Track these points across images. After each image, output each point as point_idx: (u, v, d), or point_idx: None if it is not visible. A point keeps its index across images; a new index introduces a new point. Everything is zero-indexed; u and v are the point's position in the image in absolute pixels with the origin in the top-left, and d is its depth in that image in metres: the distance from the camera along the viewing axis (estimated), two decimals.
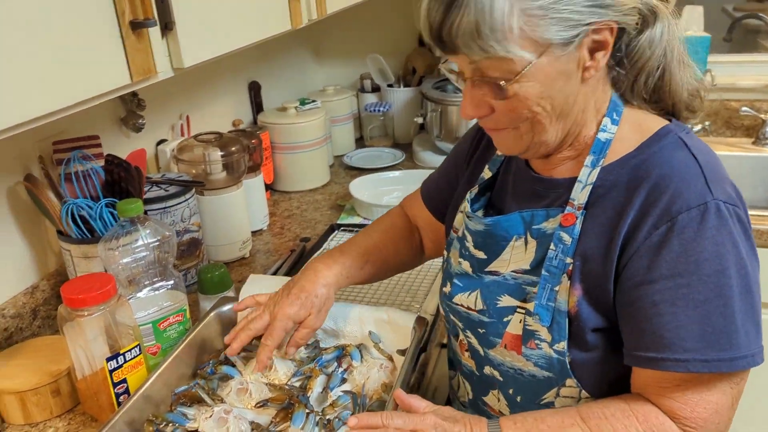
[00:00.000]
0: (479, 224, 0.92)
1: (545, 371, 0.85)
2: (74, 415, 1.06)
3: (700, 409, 0.76)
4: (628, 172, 0.81)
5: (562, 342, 0.82)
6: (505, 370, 0.89)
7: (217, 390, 1.01)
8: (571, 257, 0.81)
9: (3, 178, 1.20)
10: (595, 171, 0.83)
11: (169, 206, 1.34)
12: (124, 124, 1.47)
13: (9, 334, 1.16)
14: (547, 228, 0.85)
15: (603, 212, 0.81)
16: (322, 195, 1.92)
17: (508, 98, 0.78)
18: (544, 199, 0.88)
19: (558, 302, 0.82)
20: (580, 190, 0.83)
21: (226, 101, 1.91)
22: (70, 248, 1.19)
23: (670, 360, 0.75)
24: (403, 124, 2.24)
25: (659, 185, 0.77)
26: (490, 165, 0.98)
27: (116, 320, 1.00)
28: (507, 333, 0.87)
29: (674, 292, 0.75)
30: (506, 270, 0.89)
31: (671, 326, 0.75)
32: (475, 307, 0.91)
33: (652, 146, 0.81)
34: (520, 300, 0.86)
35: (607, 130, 0.83)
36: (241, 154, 1.52)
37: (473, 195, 0.96)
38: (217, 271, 1.23)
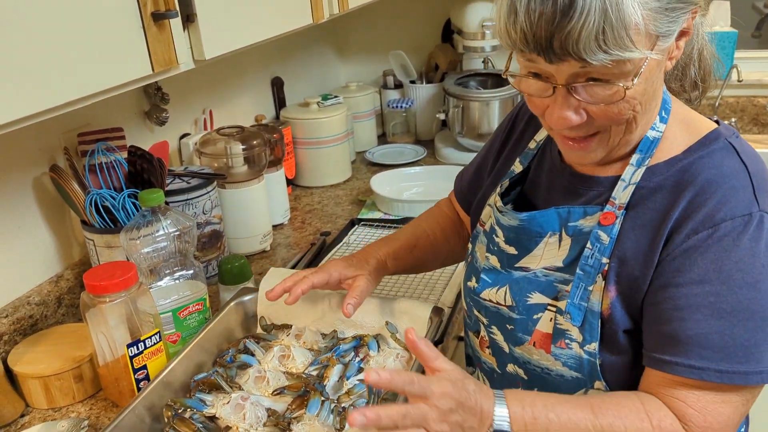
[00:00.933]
0: (513, 219, 0.89)
1: (574, 372, 0.83)
2: (96, 400, 1.08)
3: (713, 419, 0.74)
4: (675, 175, 0.78)
5: (594, 343, 0.80)
6: (532, 369, 0.87)
7: (236, 378, 1.02)
8: (607, 257, 0.79)
9: (29, 169, 1.22)
10: (640, 170, 0.80)
11: (191, 198, 1.36)
12: (148, 118, 1.49)
13: (34, 321, 1.18)
14: (584, 226, 0.83)
15: (645, 213, 0.79)
16: (343, 190, 1.93)
17: (620, 101, 0.73)
18: (582, 196, 0.85)
19: (591, 302, 0.80)
20: (623, 189, 0.80)
21: (248, 97, 1.93)
22: (94, 238, 1.21)
23: (685, 366, 0.74)
24: (426, 121, 2.24)
25: (705, 190, 0.75)
26: (521, 158, 0.96)
27: (137, 308, 1.01)
28: (537, 331, 0.85)
29: (701, 299, 0.73)
30: (537, 266, 0.87)
31: (692, 332, 0.73)
32: (505, 303, 0.89)
33: (701, 150, 0.79)
34: (551, 298, 0.84)
35: (656, 128, 0.81)
36: (263, 148, 1.53)
37: (503, 189, 0.95)
38: (237, 262, 1.25)
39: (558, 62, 0.71)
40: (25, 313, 1.17)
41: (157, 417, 0.95)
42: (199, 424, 0.93)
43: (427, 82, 2.24)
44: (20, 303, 1.17)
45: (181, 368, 1.01)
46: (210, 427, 0.93)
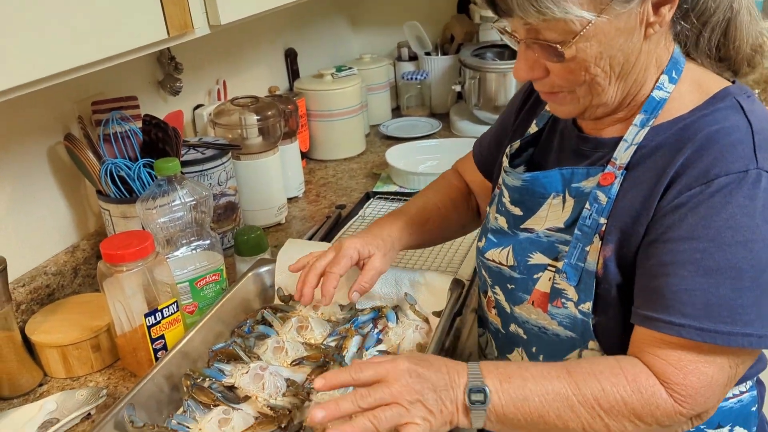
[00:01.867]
0: (516, 179, 0.89)
1: (568, 331, 0.83)
2: (114, 370, 1.08)
3: (693, 378, 0.71)
4: (676, 134, 0.77)
5: (588, 303, 0.80)
6: (530, 328, 0.88)
7: (254, 348, 1.01)
8: (605, 218, 0.79)
9: (44, 138, 1.21)
10: (643, 131, 0.79)
11: (206, 169, 1.35)
12: (162, 88, 1.48)
13: (51, 291, 1.18)
14: (585, 187, 0.82)
15: (644, 173, 0.78)
16: (357, 164, 1.91)
17: (565, 61, 0.75)
18: (587, 158, 0.85)
19: (587, 262, 0.79)
20: (624, 149, 0.79)
21: (262, 68, 1.90)
22: (109, 208, 1.20)
23: (664, 321, 0.72)
24: (441, 93, 2.20)
25: (703, 146, 0.74)
26: (537, 120, 0.96)
27: (154, 278, 1.00)
28: (536, 290, 0.85)
29: (687, 255, 0.71)
30: (541, 227, 0.87)
31: (675, 288, 0.71)
32: (507, 263, 0.89)
33: (707, 108, 0.77)
34: (551, 258, 0.84)
35: (664, 88, 0.79)
36: (277, 118, 1.51)
37: (514, 150, 0.94)
38: (253, 233, 1.23)
39: (506, 17, 0.75)
40: (41, 283, 1.16)
41: (176, 386, 0.95)
42: (218, 394, 0.92)
43: (443, 53, 2.20)
44: (37, 273, 1.17)
45: (199, 338, 1.01)
46: (229, 396, 0.93)
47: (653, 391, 0.72)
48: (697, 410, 0.73)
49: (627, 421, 0.73)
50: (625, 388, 0.72)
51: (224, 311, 1.07)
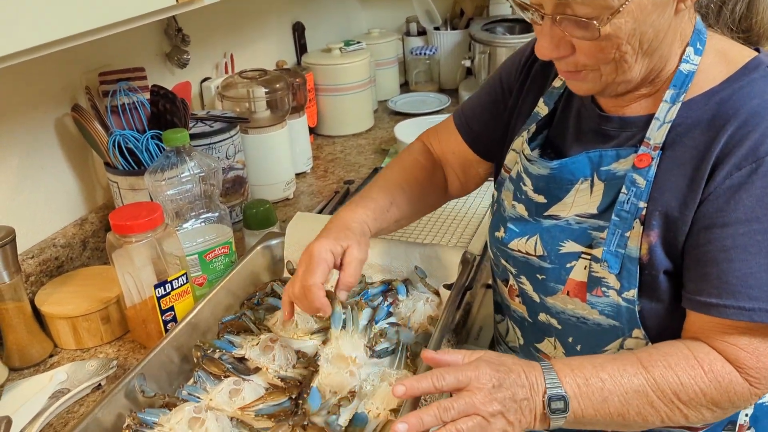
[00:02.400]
0: (543, 168, 0.85)
1: (612, 320, 0.80)
2: (123, 342, 1.08)
3: (766, 359, 0.72)
4: (713, 108, 0.74)
5: (633, 290, 0.77)
6: (566, 318, 0.85)
7: (264, 320, 1.01)
8: (645, 201, 0.76)
9: (51, 109, 1.20)
10: (675, 107, 0.75)
11: (214, 142, 1.33)
12: (169, 60, 1.46)
13: (60, 263, 1.18)
14: (617, 170, 0.79)
15: (683, 152, 0.74)
16: (365, 140, 1.89)
17: (598, 38, 0.71)
18: (613, 139, 0.81)
19: (629, 249, 0.76)
20: (657, 128, 0.76)
21: (270, 42, 1.88)
22: (118, 180, 1.19)
23: (734, 308, 0.70)
24: (450, 69, 2.18)
25: (748, 123, 0.71)
26: (545, 99, 0.91)
27: (163, 250, 1.00)
28: (570, 279, 0.82)
29: (748, 238, 0.70)
30: (568, 214, 0.83)
31: (740, 273, 0.70)
32: (535, 253, 0.85)
33: (740, 80, 0.74)
34: (585, 246, 0.81)
35: (690, 60, 0.76)
36: (285, 92, 1.49)
37: (530, 134, 0.89)
38: (261, 206, 1.23)
39: None
40: (50, 255, 1.16)
41: (186, 357, 0.95)
42: (228, 365, 0.92)
43: (452, 28, 2.17)
44: (46, 245, 1.16)
45: (209, 310, 1.00)
46: (239, 367, 0.93)
47: (730, 378, 0.72)
48: None
49: (705, 410, 0.73)
50: (703, 379, 0.72)
51: (234, 284, 1.06)
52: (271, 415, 0.85)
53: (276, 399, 0.86)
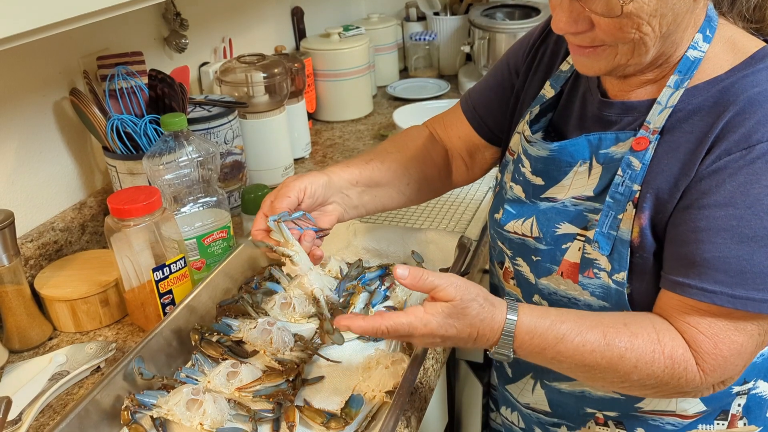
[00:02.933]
0: (542, 150, 0.84)
1: (602, 301, 0.80)
2: (122, 325, 1.09)
3: (724, 347, 0.71)
4: (714, 96, 0.73)
5: (623, 272, 0.77)
6: (557, 299, 0.85)
7: (261, 304, 1.02)
8: (639, 184, 0.76)
9: (49, 93, 1.20)
10: (678, 92, 0.75)
11: (213, 127, 1.33)
12: (167, 44, 1.46)
13: (59, 247, 1.18)
14: (615, 153, 0.78)
15: (681, 138, 0.74)
16: (364, 125, 1.89)
17: (619, 16, 0.69)
18: (615, 124, 0.81)
19: (621, 231, 0.77)
20: (658, 113, 0.75)
21: (268, 26, 1.88)
22: (116, 164, 1.20)
23: (697, 288, 0.70)
24: (449, 54, 2.17)
25: (745, 110, 0.70)
26: (552, 82, 0.90)
27: (162, 234, 1.00)
28: (564, 260, 0.82)
29: (722, 222, 0.70)
30: (565, 196, 0.84)
31: (709, 255, 0.70)
32: (531, 234, 0.86)
33: (746, 69, 0.73)
34: (580, 227, 0.81)
35: (698, 47, 0.75)
36: (284, 76, 1.49)
37: (533, 116, 0.89)
38: (260, 191, 1.23)
39: None
40: (49, 239, 1.17)
41: (184, 340, 0.96)
42: (225, 348, 0.93)
43: (452, 14, 2.16)
44: (45, 228, 1.17)
45: (207, 294, 1.01)
46: (237, 350, 0.94)
47: (685, 365, 0.72)
48: (723, 378, 0.73)
49: (650, 390, 0.74)
50: (660, 364, 0.72)
51: (232, 268, 1.07)
52: (269, 396, 0.86)
53: (273, 381, 0.87)
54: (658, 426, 0.87)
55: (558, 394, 0.91)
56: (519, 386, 0.97)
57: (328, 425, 0.81)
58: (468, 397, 1.17)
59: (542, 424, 0.96)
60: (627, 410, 0.87)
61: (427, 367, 0.93)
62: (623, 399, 0.86)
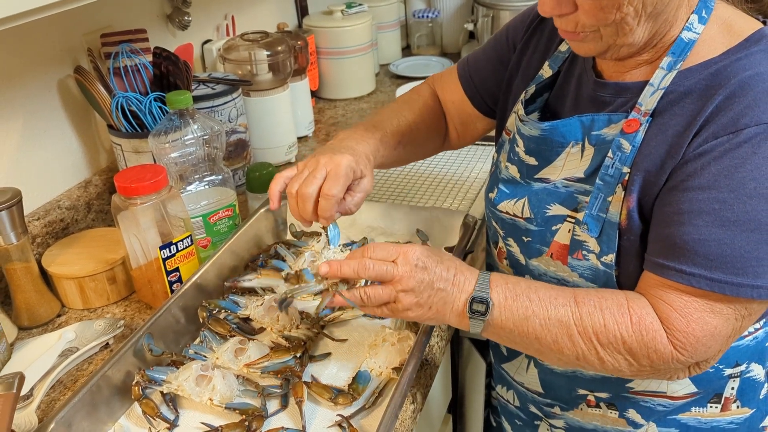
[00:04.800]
0: (534, 129, 0.85)
1: (590, 283, 0.81)
2: (129, 302, 1.10)
3: (696, 326, 0.71)
4: (707, 78, 0.72)
5: (611, 254, 0.77)
6: (547, 280, 0.85)
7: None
8: (628, 166, 0.75)
9: (54, 71, 1.20)
10: (671, 74, 0.74)
11: (217, 105, 1.33)
12: (170, 22, 1.45)
13: (65, 225, 1.19)
14: (607, 135, 0.78)
15: (671, 119, 0.74)
16: (367, 103, 1.88)
17: None
18: (608, 105, 0.80)
19: (610, 213, 0.77)
20: (650, 94, 0.75)
21: (270, 3, 1.86)
22: (121, 143, 1.20)
23: (675, 270, 0.71)
24: (452, 32, 2.16)
25: (735, 93, 0.69)
26: (550, 62, 0.89)
27: (168, 212, 1.01)
28: (554, 242, 0.82)
29: (705, 204, 0.69)
30: (557, 177, 0.84)
31: (688, 237, 0.70)
32: (522, 215, 0.86)
33: (740, 52, 0.72)
34: (571, 209, 0.81)
35: (693, 29, 0.74)
36: (287, 54, 1.49)
37: (528, 96, 0.89)
38: (265, 169, 1.23)
39: None
40: (56, 217, 1.17)
41: (192, 317, 0.97)
42: (233, 325, 0.94)
43: None
44: (51, 207, 1.17)
45: (214, 271, 1.02)
46: (244, 327, 0.95)
47: (654, 335, 0.72)
48: (695, 358, 0.72)
49: (621, 358, 0.73)
50: (627, 328, 0.72)
51: (238, 246, 1.07)
52: (277, 372, 0.87)
53: (281, 357, 0.88)
54: (650, 407, 0.87)
55: (550, 374, 0.92)
56: (514, 365, 0.98)
57: (336, 401, 0.83)
58: (471, 374, 1.18)
59: (537, 403, 0.97)
60: (618, 391, 0.87)
61: (432, 345, 0.94)
62: (614, 379, 0.86)
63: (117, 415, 0.85)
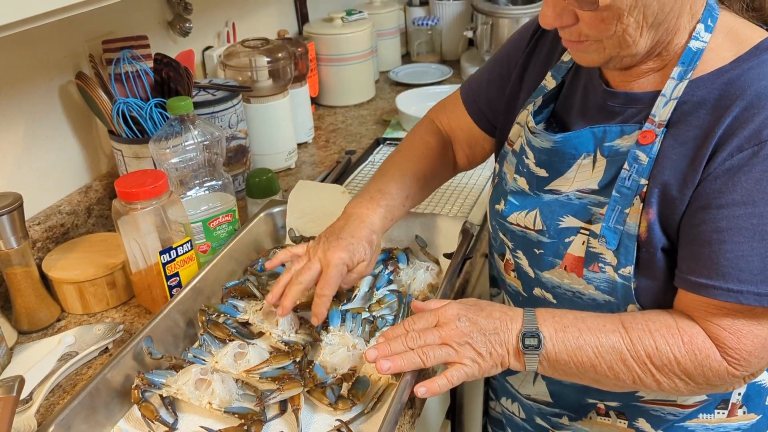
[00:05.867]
0: (546, 141, 0.84)
1: (607, 295, 0.80)
2: (129, 307, 1.10)
3: (747, 341, 0.72)
4: (720, 88, 0.73)
5: (629, 266, 0.77)
6: (561, 293, 0.85)
7: (267, 285, 1.03)
8: (646, 178, 0.75)
9: (55, 76, 1.21)
10: (682, 84, 0.75)
11: (217, 111, 1.34)
12: (171, 28, 1.46)
13: (66, 230, 1.19)
14: (620, 146, 0.78)
15: (687, 131, 0.74)
16: (367, 110, 1.89)
17: (598, 9, 0.70)
18: (618, 115, 0.80)
19: (627, 225, 0.76)
20: (663, 105, 0.75)
21: (271, 11, 1.87)
22: (122, 148, 1.20)
23: (722, 289, 0.71)
24: (452, 39, 2.17)
25: (754, 104, 0.70)
26: (553, 72, 0.90)
27: (168, 217, 1.01)
28: (568, 254, 0.82)
29: (743, 220, 0.70)
30: (569, 189, 0.83)
31: (731, 255, 0.70)
32: (534, 227, 0.86)
33: (750, 60, 0.73)
34: (584, 221, 0.81)
35: (700, 38, 0.75)
36: (288, 61, 1.49)
37: (536, 108, 0.89)
38: (264, 175, 1.24)
39: None
40: (56, 222, 1.18)
41: (191, 321, 0.97)
42: (232, 329, 0.94)
43: None
44: (51, 212, 1.18)
45: (213, 275, 1.02)
46: (243, 332, 0.95)
47: (708, 353, 0.73)
48: (750, 371, 0.74)
49: (678, 379, 0.74)
50: (680, 348, 0.73)
51: (237, 250, 1.08)
52: (275, 378, 0.87)
53: (280, 362, 0.89)
54: (660, 416, 0.88)
55: (559, 385, 0.92)
56: (519, 378, 0.98)
57: (335, 405, 0.83)
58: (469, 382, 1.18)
59: (543, 414, 0.97)
60: (628, 400, 0.88)
61: None
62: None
63: (116, 418, 0.85)
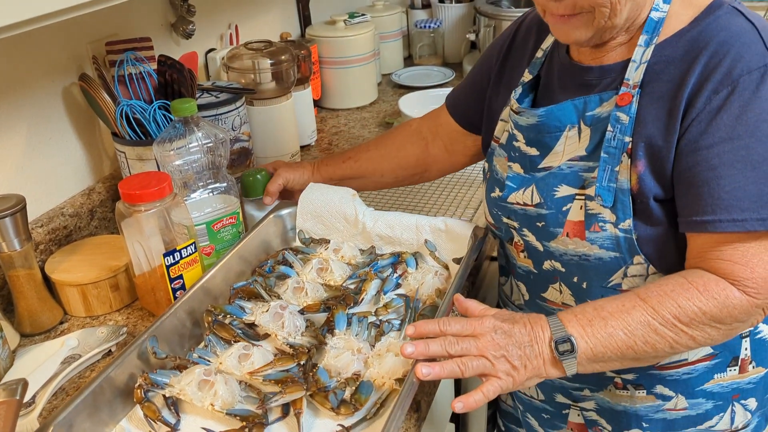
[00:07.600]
0: (531, 117, 0.90)
1: (612, 252, 0.84)
2: (132, 309, 1.10)
3: (760, 269, 0.75)
4: (684, 45, 0.80)
5: (628, 220, 0.82)
6: (568, 260, 0.88)
7: (274, 287, 1.02)
8: (629, 136, 0.81)
9: (59, 78, 1.20)
10: (650, 49, 0.82)
11: (220, 113, 1.33)
12: (174, 30, 1.45)
13: (68, 233, 1.19)
14: (601, 113, 0.84)
15: (660, 86, 0.80)
16: (369, 113, 1.89)
17: None
18: (595, 87, 0.87)
19: (619, 181, 0.81)
20: (635, 69, 0.82)
21: (274, 13, 1.87)
22: (125, 150, 1.20)
23: (727, 221, 0.75)
24: (454, 42, 2.17)
25: (719, 51, 0.77)
26: (530, 69, 0.97)
27: (172, 219, 1.01)
28: (568, 221, 0.86)
29: (733, 154, 0.75)
30: (560, 162, 0.88)
31: (729, 188, 0.75)
32: (532, 202, 0.90)
33: (706, 18, 0.81)
34: (578, 188, 0.86)
35: (660, 8, 0.83)
36: (291, 63, 1.49)
37: (518, 94, 0.95)
38: (258, 173, 1.21)
39: None
40: (59, 224, 1.17)
41: (197, 322, 0.96)
42: (238, 330, 0.93)
43: (457, 1, 2.16)
44: (54, 214, 1.17)
45: (221, 276, 1.01)
46: (249, 333, 0.94)
47: (726, 293, 0.76)
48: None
49: (709, 328, 0.77)
50: (699, 298, 0.76)
51: (246, 251, 1.07)
52: (279, 381, 0.87)
53: (284, 365, 0.88)
54: (676, 380, 0.90)
55: None
56: None
57: (338, 410, 0.82)
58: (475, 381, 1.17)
59: (565, 389, 0.99)
60: (642, 370, 0.90)
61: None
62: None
63: (119, 417, 0.84)
